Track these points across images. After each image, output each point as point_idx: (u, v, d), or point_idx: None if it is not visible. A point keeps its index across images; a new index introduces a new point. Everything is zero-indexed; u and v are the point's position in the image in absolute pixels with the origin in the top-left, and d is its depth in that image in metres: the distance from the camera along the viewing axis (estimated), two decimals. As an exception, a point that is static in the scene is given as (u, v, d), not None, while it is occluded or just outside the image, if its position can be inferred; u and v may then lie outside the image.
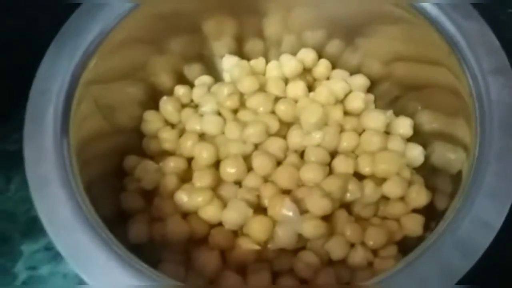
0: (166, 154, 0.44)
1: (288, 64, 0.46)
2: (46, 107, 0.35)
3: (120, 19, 0.39)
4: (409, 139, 0.44)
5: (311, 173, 0.40)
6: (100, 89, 0.40)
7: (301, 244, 0.39)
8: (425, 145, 0.43)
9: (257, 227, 0.38)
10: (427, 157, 0.43)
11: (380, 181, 0.41)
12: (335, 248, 0.39)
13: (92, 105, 0.40)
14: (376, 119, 0.43)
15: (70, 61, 0.37)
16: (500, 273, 0.41)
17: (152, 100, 0.46)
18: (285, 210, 0.38)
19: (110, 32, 0.39)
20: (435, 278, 0.28)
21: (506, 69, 0.34)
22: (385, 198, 0.41)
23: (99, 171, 0.40)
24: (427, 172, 0.42)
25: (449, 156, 0.38)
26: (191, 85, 0.48)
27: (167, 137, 0.44)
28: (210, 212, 0.39)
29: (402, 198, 0.41)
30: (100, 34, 0.38)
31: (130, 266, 0.30)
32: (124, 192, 0.42)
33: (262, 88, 0.46)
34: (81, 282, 0.41)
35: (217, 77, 0.49)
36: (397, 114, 0.45)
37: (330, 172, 0.41)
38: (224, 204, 0.39)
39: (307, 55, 0.47)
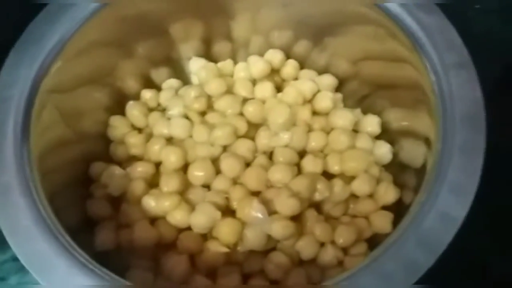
0: (134, 159, 0.44)
1: (256, 65, 0.46)
2: (6, 115, 0.35)
3: (83, 22, 0.39)
4: (377, 137, 0.44)
5: (279, 174, 0.40)
6: (63, 95, 0.40)
7: (271, 245, 0.39)
8: (393, 143, 0.43)
9: (226, 230, 0.38)
10: (395, 155, 0.43)
11: (349, 179, 0.41)
12: (305, 248, 0.39)
13: (55, 112, 0.39)
14: (343, 118, 0.43)
15: (30, 67, 0.36)
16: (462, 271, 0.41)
17: (118, 105, 0.46)
18: (254, 211, 0.38)
19: (72, 37, 0.39)
20: (399, 273, 0.28)
21: (467, 64, 0.34)
22: (354, 196, 0.41)
23: (64, 178, 0.39)
24: (396, 169, 0.42)
25: (415, 152, 0.38)
26: (159, 88, 0.48)
27: (134, 142, 0.44)
28: (178, 217, 0.39)
29: (371, 196, 0.41)
30: (61, 39, 0.38)
31: (92, 272, 0.30)
32: (90, 199, 0.41)
33: (230, 90, 0.45)
34: None
35: (185, 80, 0.49)
36: (365, 112, 0.45)
37: (299, 172, 0.41)
38: (192, 208, 0.39)
39: (275, 56, 0.47)
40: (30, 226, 0.31)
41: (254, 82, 0.46)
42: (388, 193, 0.40)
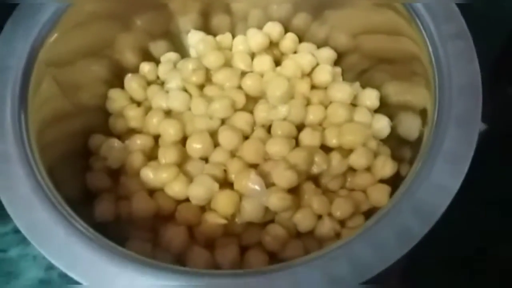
0: (133, 132, 0.44)
1: (254, 38, 0.46)
2: (3, 86, 0.35)
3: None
4: (376, 111, 0.44)
5: (277, 147, 0.40)
6: (61, 68, 0.40)
7: (269, 217, 0.39)
8: (391, 117, 0.43)
9: (224, 202, 0.38)
10: (393, 128, 0.43)
11: (347, 152, 0.41)
12: (303, 220, 0.39)
13: (53, 85, 0.39)
14: (342, 91, 0.43)
15: (26, 39, 0.36)
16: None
17: (117, 78, 0.46)
18: (251, 183, 0.38)
19: (68, 9, 0.38)
20: (393, 241, 0.28)
21: (465, 34, 0.34)
22: (352, 170, 0.41)
23: (63, 151, 0.39)
24: (394, 143, 0.42)
25: (413, 126, 0.38)
26: (157, 62, 0.48)
27: (133, 115, 0.44)
28: (176, 188, 0.39)
29: (368, 169, 0.41)
30: (57, 11, 0.38)
31: (91, 241, 0.30)
32: (89, 172, 0.41)
33: (228, 63, 0.45)
34: (52, 263, 0.42)
35: (183, 54, 0.49)
36: (364, 86, 0.45)
37: (297, 145, 0.41)
38: (191, 180, 0.39)
39: (274, 29, 0.47)
40: (29, 195, 0.31)
41: (252, 55, 0.46)
42: (386, 167, 0.40)
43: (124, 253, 0.30)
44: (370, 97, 0.43)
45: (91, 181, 0.41)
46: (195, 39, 0.47)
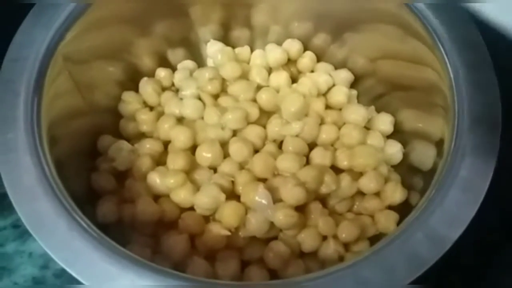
0: (142, 136, 0.44)
1: (273, 53, 0.46)
2: (19, 74, 0.35)
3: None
4: (389, 136, 0.43)
5: (287, 163, 0.39)
6: (79, 65, 0.40)
7: (273, 234, 0.39)
8: (404, 144, 0.42)
9: (229, 213, 0.37)
10: (405, 156, 0.42)
11: (357, 175, 0.41)
12: (307, 240, 0.38)
13: (69, 80, 0.39)
14: (356, 113, 0.42)
15: (46, 31, 0.36)
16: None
17: (132, 81, 0.45)
18: (258, 197, 0.37)
19: (90, 7, 0.38)
20: (401, 266, 0.28)
21: (487, 64, 0.34)
22: (361, 194, 0.41)
23: (72, 147, 0.39)
24: (405, 170, 0.42)
25: (426, 155, 0.38)
26: (173, 69, 0.48)
27: (144, 119, 0.43)
28: (182, 195, 0.38)
29: (377, 194, 0.40)
30: (79, 8, 0.38)
31: (91, 236, 0.29)
32: (95, 172, 0.41)
33: (245, 76, 0.45)
34: (47, 261, 0.41)
35: (200, 63, 0.49)
36: (379, 111, 0.45)
37: (308, 163, 0.41)
38: (197, 188, 0.39)
39: (293, 46, 0.47)
40: (34, 185, 0.31)
41: (269, 70, 0.46)
42: (396, 193, 0.39)
43: (126, 254, 0.30)
44: (384, 122, 0.43)
45: (96, 181, 0.40)
46: (213, 49, 0.47)
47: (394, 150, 0.42)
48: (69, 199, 0.31)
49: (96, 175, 0.41)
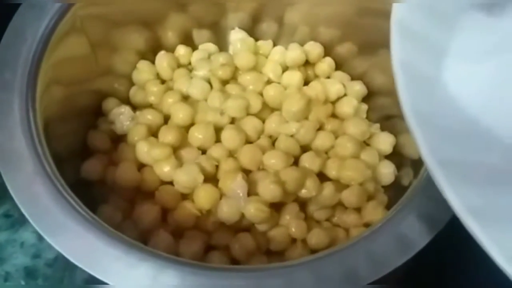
0: (149, 107, 0.45)
1: (292, 52, 0.46)
2: (33, 20, 0.36)
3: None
4: (387, 157, 0.43)
5: (273, 159, 0.39)
6: (100, 26, 0.41)
7: (244, 225, 0.39)
8: (400, 167, 0.42)
9: (203, 195, 0.38)
10: (397, 179, 0.41)
11: (342, 187, 0.40)
12: (276, 239, 0.38)
13: (84, 41, 0.40)
14: (357, 127, 0.42)
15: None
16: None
17: (151, 51, 0.47)
18: (235, 186, 0.37)
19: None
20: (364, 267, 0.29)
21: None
22: (342, 207, 0.40)
23: (76, 105, 0.41)
24: (394, 194, 0.41)
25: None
26: (194, 48, 0.48)
27: (154, 91, 0.44)
28: (164, 169, 0.39)
29: (358, 210, 0.40)
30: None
31: (66, 201, 0.31)
32: (93, 130, 0.42)
33: (258, 69, 0.45)
34: (39, 251, 0.42)
35: (223, 49, 0.49)
36: (384, 129, 0.44)
37: (296, 165, 0.41)
38: (181, 165, 0.39)
39: (314, 49, 0.47)
40: (22, 149, 0.32)
41: (286, 68, 0.46)
42: (376, 213, 0.39)
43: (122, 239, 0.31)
44: (385, 141, 0.42)
45: (91, 138, 0.42)
46: (236, 37, 0.47)
47: (387, 170, 0.41)
48: (52, 165, 0.32)
49: (93, 132, 0.42)
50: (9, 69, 0.35)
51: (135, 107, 0.45)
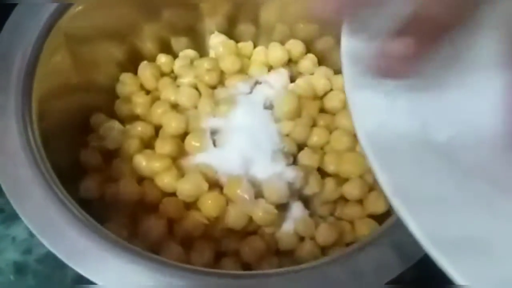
0: (137, 119, 0.44)
1: (274, 51, 0.46)
2: (17, 44, 0.35)
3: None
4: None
5: (274, 160, 0.39)
6: (80, 42, 0.40)
7: (252, 228, 0.39)
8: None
9: (210, 202, 0.38)
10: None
11: (342, 181, 0.41)
12: (284, 239, 0.39)
13: (68, 57, 0.40)
14: (349, 119, 0.42)
15: (49, 5, 0.37)
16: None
17: (132, 63, 0.46)
18: (241, 191, 0.37)
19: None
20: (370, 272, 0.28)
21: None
22: (344, 200, 0.41)
23: (63, 121, 0.40)
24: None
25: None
26: (175, 56, 0.48)
27: (140, 102, 0.44)
28: (165, 180, 0.38)
29: (360, 202, 0.40)
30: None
31: (61, 203, 0.30)
32: (85, 148, 0.41)
33: (244, 71, 0.45)
34: (30, 247, 0.40)
35: (203, 54, 0.49)
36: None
37: (295, 163, 0.41)
38: (182, 175, 0.39)
39: (295, 47, 0.47)
40: (18, 150, 0.31)
41: (270, 68, 0.46)
42: (378, 203, 0.39)
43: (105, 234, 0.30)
44: (377, 131, 0.43)
45: (84, 157, 0.41)
46: (216, 41, 0.47)
47: (383, 160, 0.42)
48: (47, 163, 0.32)
49: (85, 151, 0.41)
50: (1, 93, 0.33)
51: (121, 120, 0.44)
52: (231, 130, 0.41)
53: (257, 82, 0.45)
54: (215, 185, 0.39)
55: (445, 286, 0.21)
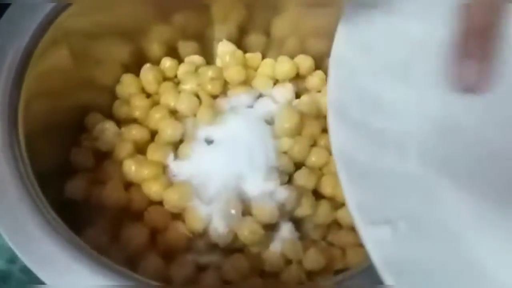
0: (134, 122, 0.43)
1: (282, 65, 0.45)
2: (11, 36, 0.34)
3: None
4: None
5: (268, 177, 0.38)
6: (83, 39, 0.39)
7: (238, 246, 0.37)
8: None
9: (195, 215, 0.36)
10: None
11: (338, 205, 0.39)
12: (270, 260, 0.37)
13: (66, 53, 0.39)
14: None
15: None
16: None
17: (135, 64, 0.45)
18: (229, 206, 0.36)
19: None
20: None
21: None
22: (338, 225, 0.39)
23: (57, 119, 0.39)
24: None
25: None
26: (180, 61, 0.47)
27: (139, 105, 0.43)
28: (153, 188, 0.37)
29: (354, 229, 0.38)
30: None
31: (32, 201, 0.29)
32: (76, 147, 0.40)
33: (248, 82, 0.44)
34: (15, 255, 0.39)
35: (209, 61, 0.48)
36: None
37: (290, 182, 0.39)
38: (171, 184, 0.38)
39: (304, 62, 0.45)
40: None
41: (276, 82, 0.45)
42: (373, 232, 0.38)
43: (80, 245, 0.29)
44: (379, 157, 0.41)
45: (75, 156, 0.40)
46: (224, 49, 0.46)
47: (382, 188, 0.40)
48: (29, 169, 0.31)
49: (76, 150, 0.40)
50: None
51: (118, 122, 0.43)
52: (227, 142, 0.40)
53: (260, 95, 0.43)
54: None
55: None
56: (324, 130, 0.43)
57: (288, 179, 0.40)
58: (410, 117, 0.27)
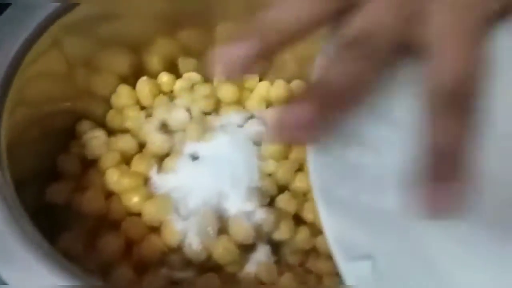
0: (126, 132, 0.43)
1: (278, 89, 0.45)
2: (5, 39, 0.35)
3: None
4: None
5: (248, 198, 0.38)
6: (80, 44, 0.40)
7: (212, 264, 0.37)
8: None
9: (171, 229, 0.36)
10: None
11: (318, 232, 0.39)
12: (244, 281, 0.37)
13: (60, 59, 0.39)
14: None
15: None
16: None
17: (133, 76, 0.45)
18: (206, 223, 0.36)
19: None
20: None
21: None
22: (316, 252, 0.39)
23: (46, 125, 0.39)
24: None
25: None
26: (178, 77, 0.47)
27: (132, 116, 0.43)
28: (133, 199, 0.37)
29: (332, 257, 0.38)
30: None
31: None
32: (64, 153, 0.41)
33: (242, 102, 0.44)
34: None
35: (207, 80, 0.48)
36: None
37: (271, 205, 0.39)
38: (151, 196, 0.38)
39: (299, 88, 0.45)
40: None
41: (269, 104, 0.45)
42: (351, 262, 0.37)
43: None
44: (366, 187, 0.41)
45: (61, 162, 0.40)
46: (221, 69, 0.46)
47: (366, 218, 0.40)
48: (7, 172, 0.31)
49: (64, 156, 0.40)
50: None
51: (111, 132, 0.43)
52: (212, 159, 0.40)
53: (252, 116, 0.43)
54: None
55: None
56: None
57: (270, 202, 0.39)
58: (389, 152, 0.26)
